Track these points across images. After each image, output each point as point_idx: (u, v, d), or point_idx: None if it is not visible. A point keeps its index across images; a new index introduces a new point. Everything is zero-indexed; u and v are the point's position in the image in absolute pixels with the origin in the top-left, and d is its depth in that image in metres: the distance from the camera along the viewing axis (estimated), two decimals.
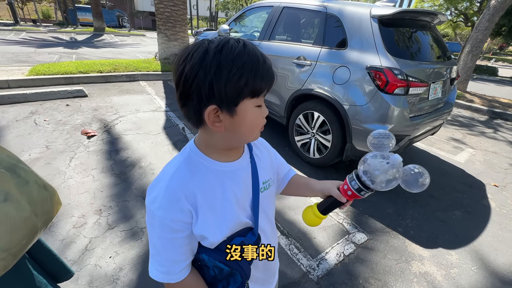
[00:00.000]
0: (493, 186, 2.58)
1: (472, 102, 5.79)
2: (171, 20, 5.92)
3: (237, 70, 0.42)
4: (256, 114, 0.49)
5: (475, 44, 6.15)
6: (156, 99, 4.20)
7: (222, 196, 0.53)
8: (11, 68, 5.03)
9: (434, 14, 2.37)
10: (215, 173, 0.53)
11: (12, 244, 0.56)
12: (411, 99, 2.09)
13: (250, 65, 0.43)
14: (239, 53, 0.43)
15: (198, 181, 0.51)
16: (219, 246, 0.54)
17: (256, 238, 0.57)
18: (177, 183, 0.49)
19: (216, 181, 0.53)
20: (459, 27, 16.93)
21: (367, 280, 1.48)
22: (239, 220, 0.56)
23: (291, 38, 2.95)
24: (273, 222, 0.68)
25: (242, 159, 0.58)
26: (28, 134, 2.73)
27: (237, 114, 0.46)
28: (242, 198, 0.56)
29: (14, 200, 0.58)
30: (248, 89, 0.44)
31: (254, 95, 0.46)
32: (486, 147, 3.57)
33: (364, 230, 1.85)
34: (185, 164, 0.52)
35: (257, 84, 0.45)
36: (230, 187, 0.54)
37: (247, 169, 0.59)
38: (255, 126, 0.50)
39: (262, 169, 0.62)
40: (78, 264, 1.40)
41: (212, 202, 0.51)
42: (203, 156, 0.53)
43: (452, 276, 1.55)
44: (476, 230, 1.97)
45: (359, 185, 0.57)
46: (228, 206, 0.53)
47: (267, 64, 0.46)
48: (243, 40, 0.46)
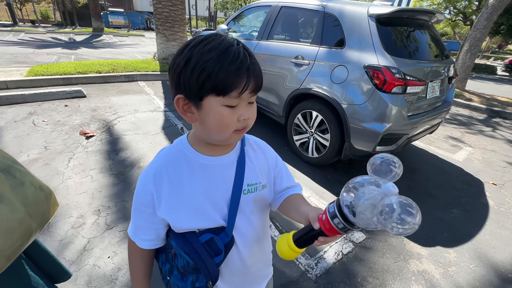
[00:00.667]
0: (491, 185, 2.59)
1: (471, 101, 5.80)
2: (170, 20, 5.91)
3: (201, 65, 0.44)
4: (223, 114, 0.47)
5: (473, 43, 6.15)
6: (155, 99, 4.20)
7: (189, 186, 0.54)
8: (9, 69, 5.02)
9: (432, 13, 2.38)
10: (193, 164, 0.55)
11: (5, 246, 0.56)
12: (409, 97, 2.09)
13: (215, 62, 0.43)
14: (210, 49, 0.44)
15: (171, 168, 0.54)
16: (186, 235, 0.55)
17: (229, 241, 0.56)
18: (154, 166, 0.55)
19: (188, 171, 0.54)
20: (458, 26, 16.95)
21: (365, 278, 1.48)
22: (208, 216, 0.55)
23: (289, 38, 2.95)
24: (259, 228, 0.63)
25: (227, 157, 0.57)
26: (27, 134, 2.72)
27: (203, 108, 0.48)
28: (217, 195, 0.55)
29: (8, 202, 0.57)
30: (209, 85, 0.44)
31: (219, 93, 0.45)
32: (484, 146, 3.58)
33: (362, 229, 1.85)
34: (168, 151, 0.57)
35: (219, 81, 0.44)
36: (200, 180, 0.54)
37: (230, 168, 0.57)
38: (223, 126, 0.48)
39: (250, 171, 0.59)
40: (77, 264, 1.40)
41: (178, 190, 0.54)
42: (188, 146, 0.56)
43: (450, 274, 1.56)
44: (475, 228, 1.97)
45: (336, 211, 0.43)
46: (194, 198, 0.54)
47: (239, 64, 0.44)
48: (231, 39, 0.47)
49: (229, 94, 0.45)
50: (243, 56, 0.45)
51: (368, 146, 2.13)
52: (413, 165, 2.81)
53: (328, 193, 2.21)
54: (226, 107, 0.47)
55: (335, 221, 0.43)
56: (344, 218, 0.41)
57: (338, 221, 0.42)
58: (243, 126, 0.51)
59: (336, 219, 0.43)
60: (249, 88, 0.46)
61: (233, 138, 0.53)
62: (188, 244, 0.54)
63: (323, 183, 2.34)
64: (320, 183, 2.33)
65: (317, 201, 2.10)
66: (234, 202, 0.56)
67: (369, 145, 2.12)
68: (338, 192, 2.23)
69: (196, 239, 0.55)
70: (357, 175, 0.43)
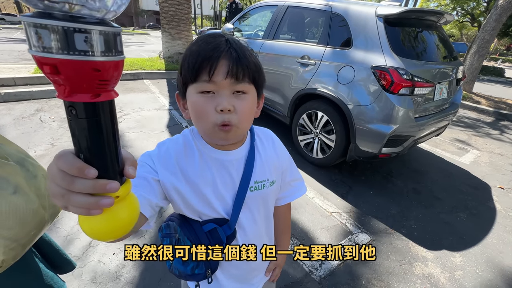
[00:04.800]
0: (499, 188, 2.55)
1: (478, 103, 5.72)
2: (176, 19, 5.93)
3: (184, 58, 0.48)
4: (198, 101, 0.46)
5: (481, 45, 6.07)
6: (160, 98, 4.22)
7: (200, 175, 0.54)
8: (17, 66, 5.09)
9: (440, 14, 2.35)
10: (203, 155, 0.55)
11: (21, 235, 0.58)
12: (416, 99, 2.07)
13: (192, 51, 0.46)
14: (196, 43, 0.47)
15: (183, 153, 0.54)
16: (191, 222, 0.56)
17: (231, 233, 0.56)
18: (163, 146, 0.56)
19: (199, 160, 0.55)
20: (465, 27, 16.75)
21: (369, 281, 1.47)
22: (212, 206, 0.56)
23: (296, 37, 2.94)
24: (262, 225, 0.64)
25: (237, 152, 0.57)
26: (34, 131, 2.76)
27: (187, 100, 0.49)
28: (223, 190, 0.56)
29: (23, 193, 0.60)
30: (185, 73, 0.47)
31: (192, 78, 0.46)
32: (492, 149, 3.53)
33: (367, 231, 1.83)
34: (182, 138, 0.57)
35: (190, 67, 0.45)
36: (210, 172, 0.55)
37: (239, 163, 0.57)
38: (199, 115, 0.47)
39: (259, 167, 0.59)
40: (82, 260, 1.41)
41: (188, 174, 0.54)
42: (199, 137, 0.56)
43: (456, 279, 1.54)
44: (481, 232, 1.94)
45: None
46: (202, 186, 0.54)
47: (211, 49, 0.45)
48: (222, 36, 0.48)
49: (199, 77, 0.45)
50: (222, 44, 0.46)
51: (374, 147, 2.11)
52: (419, 168, 2.78)
53: (332, 194, 2.20)
54: (201, 94, 0.46)
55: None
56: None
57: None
58: (223, 119, 0.46)
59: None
60: (220, 71, 0.44)
61: (218, 135, 0.48)
62: (192, 232, 0.56)
63: (328, 184, 2.33)
64: (324, 184, 2.31)
65: (321, 202, 2.08)
66: (240, 198, 0.56)
67: (375, 147, 2.10)
68: (342, 193, 2.22)
69: (200, 228, 0.56)
70: (362, 176, 0.42)
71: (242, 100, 0.48)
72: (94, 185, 0.25)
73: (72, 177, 0.25)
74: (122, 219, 0.29)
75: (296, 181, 0.71)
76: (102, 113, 0.25)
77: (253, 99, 0.51)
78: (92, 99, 0.24)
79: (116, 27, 0.24)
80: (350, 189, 2.27)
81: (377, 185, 2.38)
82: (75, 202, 0.25)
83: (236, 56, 0.45)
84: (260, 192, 0.59)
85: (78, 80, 0.22)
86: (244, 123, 0.50)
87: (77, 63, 0.22)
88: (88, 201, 0.25)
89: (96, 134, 0.26)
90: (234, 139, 0.54)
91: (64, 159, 0.25)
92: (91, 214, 0.26)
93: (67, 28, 0.20)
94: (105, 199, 0.26)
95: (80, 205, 0.25)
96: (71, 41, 0.21)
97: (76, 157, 0.26)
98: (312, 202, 2.08)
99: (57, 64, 0.21)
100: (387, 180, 2.47)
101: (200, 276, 0.57)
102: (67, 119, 0.25)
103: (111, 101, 0.26)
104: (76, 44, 0.21)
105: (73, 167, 0.25)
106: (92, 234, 0.29)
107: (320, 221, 1.88)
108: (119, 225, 0.29)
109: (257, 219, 0.62)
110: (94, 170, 0.25)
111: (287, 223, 0.78)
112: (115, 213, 0.29)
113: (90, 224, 0.29)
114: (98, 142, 0.26)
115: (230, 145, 0.56)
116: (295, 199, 0.71)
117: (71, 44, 0.21)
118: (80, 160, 0.26)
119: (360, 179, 2.43)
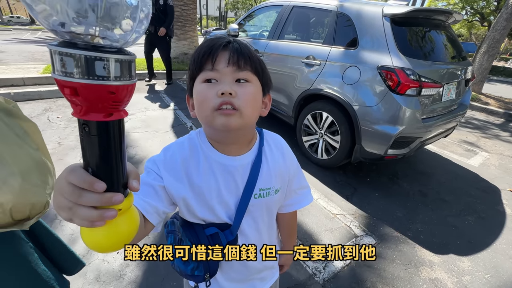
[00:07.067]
0: (508, 192, 2.48)
1: (488, 104, 5.60)
2: (181, 20, 5.96)
3: (193, 54, 0.50)
4: (201, 89, 0.48)
5: (491, 44, 5.94)
6: (165, 98, 4.25)
7: (204, 180, 0.54)
8: (27, 66, 5.19)
9: (449, 13, 2.30)
10: (209, 160, 0.55)
11: (43, 178, 0.67)
12: (424, 100, 2.03)
13: (201, 47, 0.50)
14: (202, 43, 0.51)
15: (188, 157, 0.55)
16: (194, 225, 0.57)
17: (233, 239, 0.56)
18: (168, 151, 0.56)
19: (204, 164, 0.55)
20: (475, 27, 16.43)
21: (374, 285, 1.45)
22: (215, 212, 0.56)
23: (301, 38, 2.92)
24: (264, 233, 0.63)
25: (244, 158, 0.56)
26: (42, 130, 2.76)
27: (193, 93, 0.51)
28: (227, 196, 0.56)
29: (28, 143, 0.67)
30: (192, 68, 0.50)
31: (197, 70, 0.49)
32: (501, 151, 3.45)
33: (372, 234, 1.81)
34: (186, 141, 0.57)
35: (195, 60, 0.49)
36: (214, 177, 0.54)
37: (245, 170, 0.56)
38: (202, 102, 0.48)
39: (265, 175, 0.58)
40: (86, 259, 1.42)
41: (192, 178, 0.54)
42: (205, 140, 0.56)
43: (464, 284, 1.50)
44: (490, 236, 1.90)
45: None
46: (206, 191, 0.54)
47: (215, 42, 0.48)
48: (227, 37, 0.51)
49: (203, 66, 0.48)
50: (225, 40, 0.49)
51: (380, 149, 2.08)
52: (426, 170, 2.73)
53: (336, 195, 2.17)
54: (205, 82, 0.48)
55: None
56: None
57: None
58: (223, 101, 0.45)
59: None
60: (222, 59, 0.47)
61: (218, 120, 0.46)
62: (194, 234, 0.56)
63: (332, 185, 2.30)
64: (329, 185, 2.29)
65: (326, 203, 2.06)
66: (243, 205, 0.56)
67: (381, 148, 2.07)
68: (347, 195, 2.19)
69: (202, 231, 0.56)
70: (367, 178, 0.41)
71: (245, 87, 0.49)
72: (101, 199, 0.27)
73: (81, 191, 0.26)
74: (122, 232, 0.31)
75: (303, 189, 0.70)
76: (112, 130, 0.27)
77: (256, 88, 0.51)
78: (105, 118, 0.26)
79: (131, 55, 0.26)
80: (355, 191, 2.25)
81: (382, 187, 2.34)
82: (81, 214, 0.27)
83: (238, 47, 0.49)
84: (265, 199, 0.59)
85: (94, 101, 0.25)
86: (248, 109, 0.48)
87: (96, 87, 0.24)
88: (93, 214, 0.27)
89: (106, 150, 0.28)
90: (236, 128, 0.48)
91: (75, 173, 0.27)
92: (94, 226, 0.27)
93: (89, 57, 0.23)
94: (109, 211, 0.27)
95: (85, 218, 0.27)
96: (92, 68, 0.23)
97: (86, 171, 0.27)
98: (316, 203, 2.06)
99: (78, 87, 0.24)
100: (392, 182, 2.44)
101: (200, 278, 0.57)
102: (79, 136, 0.27)
103: (121, 119, 0.28)
104: (96, 70, 0.24)
105: (83, 181, 0.26)
106: (93, 246, 0.31)
107: (324, 223, 1.87)
108: (120, 238, 0.31)
109: (260, 226, 0.62)
110: (103, 184, 0.27)
111: (293, 229, 0.77)
112: (116, 225, 0.30)
113: (92, 236, 0.30)
114: (108, 157, 0.28)
115: (236, 149, 0.55)
116: (300, 208, 0.70)
117: (91, 70, 0.23)
118: (89, 174, 0.27)
119: (365, 180, 2.41)
